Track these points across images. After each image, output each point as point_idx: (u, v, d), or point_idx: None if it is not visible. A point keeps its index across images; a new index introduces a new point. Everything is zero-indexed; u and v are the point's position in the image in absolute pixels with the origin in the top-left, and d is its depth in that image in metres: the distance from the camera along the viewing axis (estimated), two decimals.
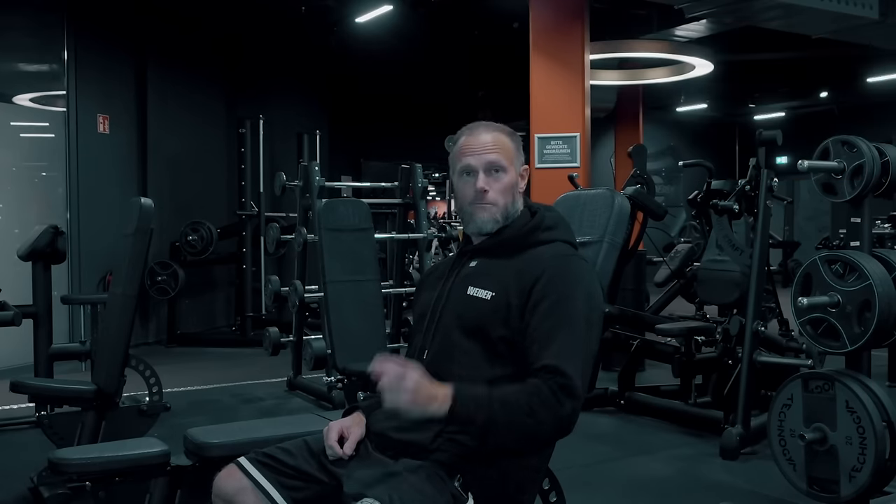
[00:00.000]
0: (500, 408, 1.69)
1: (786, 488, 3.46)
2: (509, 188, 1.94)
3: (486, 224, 1.94)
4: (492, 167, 1.92)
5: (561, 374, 1.71)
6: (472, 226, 1.96)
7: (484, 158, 1.92)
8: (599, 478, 4.06)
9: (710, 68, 10.17)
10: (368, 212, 4.98)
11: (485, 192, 1.92)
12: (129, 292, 3.16)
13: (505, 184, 1.93)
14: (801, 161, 3.28)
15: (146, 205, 3.15)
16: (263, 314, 8.40)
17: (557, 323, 1.77)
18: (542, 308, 1.79)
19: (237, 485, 1.85)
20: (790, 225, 15.32)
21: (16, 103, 7.39)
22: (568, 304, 1.80)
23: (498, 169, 1.92)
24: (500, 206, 1.93)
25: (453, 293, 1.94)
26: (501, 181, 1.93)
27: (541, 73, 6.95)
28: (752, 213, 4.73)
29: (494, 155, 1.92)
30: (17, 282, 5.19)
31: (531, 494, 1.91)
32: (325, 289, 4.79)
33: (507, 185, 1.93)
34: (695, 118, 15.98)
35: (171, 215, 8.09)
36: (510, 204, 1.94)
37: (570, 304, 1.80)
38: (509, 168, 1.93)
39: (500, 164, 1.92)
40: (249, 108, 8.81)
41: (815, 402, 3.28)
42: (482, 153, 1.92)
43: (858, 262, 3.18)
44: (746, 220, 5.04)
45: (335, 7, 9.40)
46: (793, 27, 7.23)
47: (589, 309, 1.83)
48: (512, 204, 1.95)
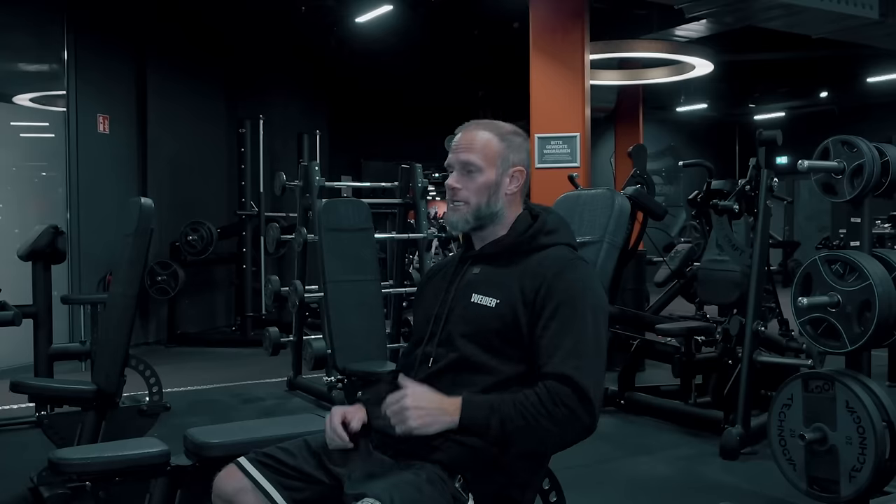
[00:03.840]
0: (511, 412, 1.70)
1: (786, 488, 3.46)
2: (484, 188, 1.91)
3: (455, 224, 1.94)
4: (465, 167, 1.92)
5: (567, 380, 1.71)
6: (448, 226, 1.98)
7: (459, 157, 1.92)
8: (599, 478, 4.06)
9: (710, 68, 10.16)
10: (368, 212, 4.98)
11: (455, 191, 1.92)
12: (129, 292, 3.16)
13: (479, 184, 1.91)
14: (801, 161, 3.28)
15: (146, 205, 3.15)
16: (263, 314, 8.40)
17: (562, 328, 1.77)
18: (546, 314, 1.79)
19: (237, 485, 1.85)
20: (790, 225, 15.32)
21: (16, 103, 7.39)
22: (572, 308, 1.80)
23: (472, 169, 1.91)
24: (472, 206, 1.91)
25: (457, 301, 1.93)
26: (475, 181, 1.91)
27: (541, 73, 6.95)
28: (752, 213, 4.72)
29: (468, 154, 1.91)
30: (17, 282, 5.18)
31: (531, 494, 1.91)
32: (325, 289, 4.80)
33: (482, 185, 1.91)
34: (695, 118, 15.97)
35: (171, 215, 8.09)
36: (484, 205, 1.92)
37: (574, 307, 1.80)
38: (486, 168, 1.91)
39: (473, 163, 1.91)
40: (249, 108, 8.82)
41: (815, 402, 3.28)
42: (458, 152, 1.93)
43: (858, 262, 3.18)
44: (746, 220, 5.04)
45: (335, 7, 9.40)
46: (793, 27, 7.22)
47: (594, 311, 1.82)
48: (486, 205, 1.92)
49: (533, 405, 1.70)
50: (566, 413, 1.69)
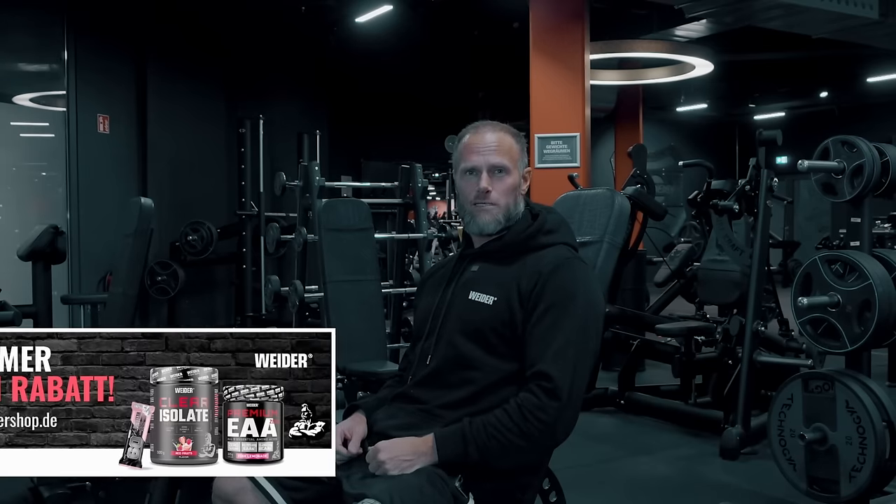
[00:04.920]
0: (484, 438, 1.73)
1: (786, 488, 3.46)
2: (512, 190, 1.94)
3: (487, 225, 1.94)
4: (495, 168, 1.92)
5: (547, 379, 1.74)
6: (474, 226, 1.96)
7: (488, 159, 1.92)
8: (599, 478, 4.06)
9: (710, 68, 10.17)
10: (368, 212, 4.98)
11: (487, 193, 1.92)
12: (129, 292, 3.16)
13: (508, 185, 1.93)
14: (801, 161, 3.28)
15: (146, 205, 3.15)
16: (263, 314, 8.39)
17: (552, 327, 1.79)
18: (538, 312, 1.81)
19: (237, 485, 1.85)
20: (790, 225, 15.32)
21: (16, 103, 7.40)
22: (563, 308, 1.81)
23: (501, 170, 1.92)
24: (502, 207, 1.93)
25: (455, 298, 1.94)
26: (505, 182, 1.93)
27: (541, 73, 6.95)
28: (752, 213, 4.73)
29: (499, 156, 1.92)
30: (17, 282, 5.18)
31: (531, 494, 1.91)
32: (325, 289, 4.79)
33: (510, 186, 1.93)
34: (695, 118, 15.97)
35: (171, 215, 8.09)
36: (512, 205, 1.94)
37: (565, 307, 1.81)
38: (513, 170, 1.93)
39: (504, 165, 1.92)
40: (249, 108, 8.81)
41: (815, 402, 3.28)
42: (486, 154, 1.92)
43: (858, 262, 3.18)
44: (746, 220, 5.03)
45: (335, 7, 9.40)
46: (793, 27, 7.23)
47: (587, 312, 1.83)
48: (514, 205, 1.94)
49: (504, 425, 1.73)
50: (538, 426, 1.73)
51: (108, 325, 3.36)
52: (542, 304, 1.81)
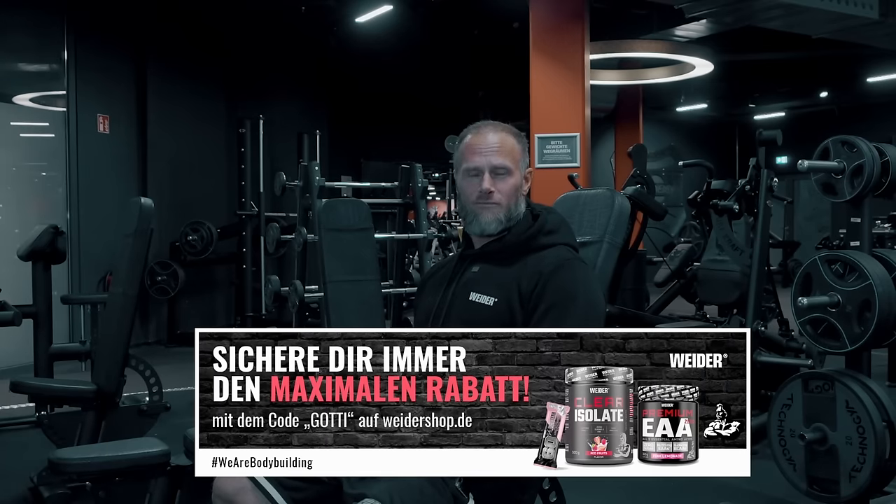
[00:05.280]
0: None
1: (786, 488, 3.46)
2: (514, 190, 1.94)
3: (489, 225, 1.94)
4: (497, 169, 1.92)
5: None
6: (475, 226, 1.95)
7: (490, 160, 1.92)
8: (599, 478, 4.04)
9: (710, 68, 10.17)
10: (368, 212, 4.98)
11: (490, 194, 1.92)
12: (129, 292, 3.16)
13: (510, 186, 1.93)
14: (801, 161, 3.28)
15: (146, 205, 3.15)
16: (263, 314, 8.39)
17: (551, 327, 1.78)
18: (538, 313, 1.81)
19: (237, 485, 1.85)
20: (790, 225, 15.32)
21: (16, 103, 7.40)
22: (563, 309, 1.81)
23: (504, 171, 1.92)
24: (504, 208, 1.93)
25: (455, 299, 1.94)
26: (507, 183, 1.93)
27: (541, 73, 6.95)
28: (752, 213, 4.72)
29: (501, 157, 1.92)
30: (17, 282, 5.19)
31: (531, 494, 1.91)
32: (325, 289, 4.79)
33: (512, 187, 1.93)
34: (695, 118, 15.98)
35: (171, 215, 8.09)
36: (514, 206, 1.94)
37: (565, 308, 1.81)
38: (514, 171, 1.93)
39: (507, 166, 1.92)
40: (249, 108, 8.81)
41: (815, 402, 3.28)
42: (488, 154, 1.92)
43: (858, 262, 3.18)
44: (746, 220, 5.04)
45: (335, 7, 9.40)
46: (793, 27, 7.23)
47: (587, 312, 1.83)
48: (516, 206, 1.95)
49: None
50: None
51: (108, 326, 3.36)
52: (543, 304, 1.81)
